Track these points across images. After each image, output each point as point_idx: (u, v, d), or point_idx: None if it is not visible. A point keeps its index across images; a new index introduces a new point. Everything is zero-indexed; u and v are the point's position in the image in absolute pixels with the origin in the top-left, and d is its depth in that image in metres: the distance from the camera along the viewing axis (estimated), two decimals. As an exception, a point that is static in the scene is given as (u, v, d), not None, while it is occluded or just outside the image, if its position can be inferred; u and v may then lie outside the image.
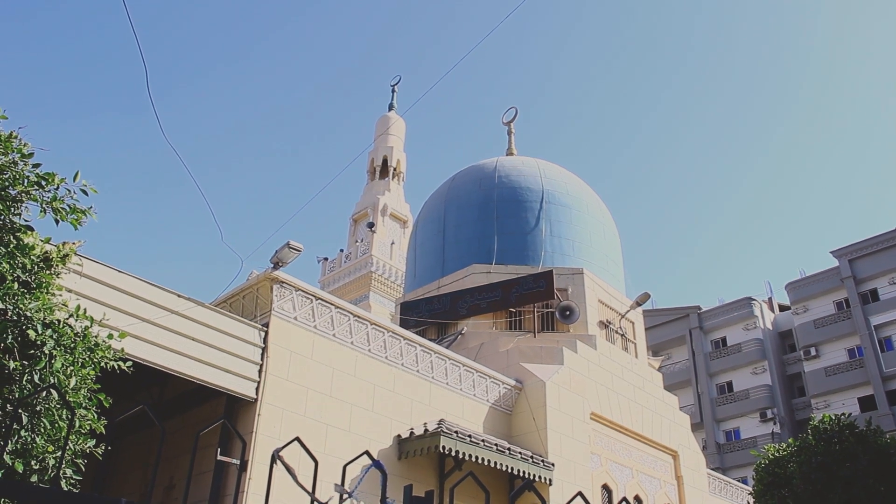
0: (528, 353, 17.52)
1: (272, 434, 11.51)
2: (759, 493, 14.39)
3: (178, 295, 11.22)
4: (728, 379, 47.39)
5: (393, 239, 41.67)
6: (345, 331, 13.42)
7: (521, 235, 21.03)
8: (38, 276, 5.96)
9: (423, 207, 24.20)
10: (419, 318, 20.00)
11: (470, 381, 15.58)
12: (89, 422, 6.12)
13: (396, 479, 12.96)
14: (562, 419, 15.99)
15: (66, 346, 5.92)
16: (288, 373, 12.20)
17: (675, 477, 19.31)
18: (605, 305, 20.34)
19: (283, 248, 12.71)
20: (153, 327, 10.64)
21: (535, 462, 14.63)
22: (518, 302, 19.18)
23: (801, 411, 45.15)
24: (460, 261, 20.89)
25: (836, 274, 45.03)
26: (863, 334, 42.47)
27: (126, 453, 14.33)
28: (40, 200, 5.84)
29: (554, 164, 23.73)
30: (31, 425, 5.55)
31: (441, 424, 13.56)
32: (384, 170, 44.42)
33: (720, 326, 48.72)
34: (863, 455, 12.76)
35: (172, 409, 13.00)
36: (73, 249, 6.38)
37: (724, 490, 23.64)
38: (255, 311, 12.65)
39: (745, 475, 40.24)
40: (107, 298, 10.19)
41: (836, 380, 43.05)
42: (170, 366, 10.72)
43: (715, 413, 46.38)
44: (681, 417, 20.71)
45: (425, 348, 14.94)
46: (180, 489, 12.73)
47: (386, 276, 39.81)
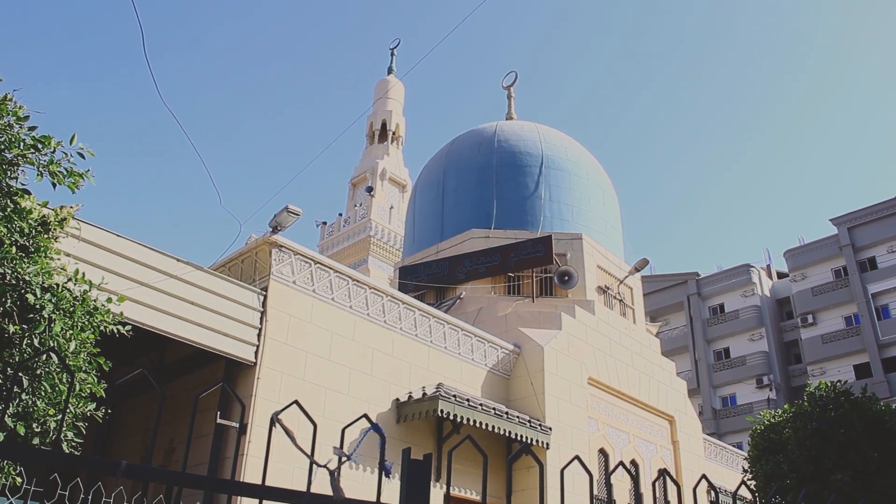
0: (527, 318, 17.56)
1: (271, 398, 11.57)
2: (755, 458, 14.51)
3: (177, 259, 11.20)
4: (725, 345, 47.63)
5: (392, 203, 41.58)
6: (343, 295, 13.42)
7: (520, 200, 20.96)
8: (36, 240, 5.93)
9: (422, 172, 24.11)
10: (418, 282, 20.02)
11: (468, 345, 15.63)
12: (89, 385, 6.14)
13: (395, 443, 13.05)
14: (560, 384, 16.07)
15: (66, 310, 5.92)
16: (287, 337, 12.23)
17: (671, 442, 19.47)
18: (604, 271, 20.36)
19: (281, 212, 12.66)
20: (152, 291, 10.63)
21: (533, 426, 14.73)
22: (517, 267, 19.19)
23: (798, 378, 45.44)
24: (459, 225, 20.86)
25: (834, 242, 45.05)
26: (860, 302, 42.61)
27: (127, 417, 14.42)
28: (37, 164, 5.79)
29: (554, 129, 23.60)
30: (32, 389, 5.57)
31: (439, 388, 13.62)
32: (383, 134, 44.18)
33: (718, 293, 48.84)
34: (857, 421, 12.86)
35: (172, 373, 13.05)
36: (70, 213, 6.34)
37: (720, 455, 23.87)
38: (254, 275, 12.64)
39: (741, 441, 40.63)
40: (105, 262, 10.16)
41: (832, 347, 43.28)
42: (169, 330, 10.74)
43: (712, 379, 46.69)
44: (678, 383, 20.83)
45: (424, 312, 14.97)
46: (180, 452, 12.83)
47: (385, 241, 39.78)
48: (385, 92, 44.56)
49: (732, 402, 45.97)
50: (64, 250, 7.07)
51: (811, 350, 43.95)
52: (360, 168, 43.48)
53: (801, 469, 12.94)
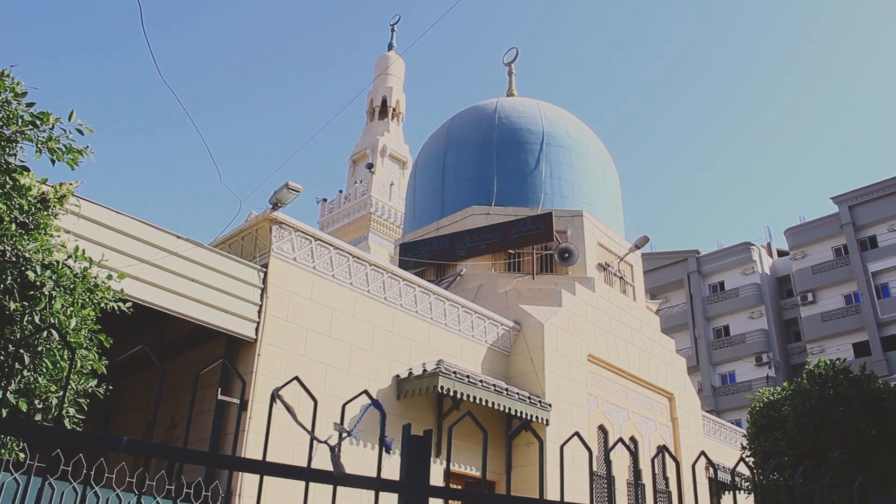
0: (527, 295, 17.57)
1: (272, 374, 11.60)
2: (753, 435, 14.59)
3: (177, 236, 11.19)
4: (725, 323, 47.73)
5: (392, 180, 41.50)
6: (344, 271, 13.43)
7: (520, 177, 20.92)
8: (35, 217, 5.91)
9: (422, 148, 24.04)
10: (418, 259, 20.02)
11: (468, 322, 15.66)
12: (90, 362, 6.16)
13: (395, 419, 13.11)
14: (559, 361, 16.12)
15: (66, 287, 5.92)
16: (287, 313, 12.24)
17: (670, 419, 19.56)
18: (604, 248, 20.36)
19: (281, 189, 12.64)
20: (152, 268, 10.63)
21: (533, 403, 14.79)
22: (517, 243, 19.18)
23: (797, 356, 45.57)
24: (459, 202, 20.83)
25: (835, 220, 45.00)
26: (860, 280, 42.63)
27: (128, 394, 14.48)
28: (35, 140, 5.76)
29: (554, 106, 23.50)
30: (33, 365, 5.58)
31: (439, 365, 13.66)
32: (383, 110, 44.01)
33: (718, 271, 48.86)
34: (856, 399, 12.91)
35: (173, 349, 13.09)
36: (70, 190, 6.32)
37: (719, 432, 23.99)
38: (255, 251, 12.64)
39: (740, 418, 40.84)
40: (105, 239, 10.15)
41: (831, 325, 43.36)
42: (169, 307, 10.75)
43: (711, 356, 46.82)
44: (677, 360, 20.90)
45: (424, 289, 14.98)
46: (182, 428, 12.89)
47: (385, 217, 39.75)
48: (385, 68, 44.34)
49: (731, 379, 46.14)
50: (64, 227, 7.06)
51: (810, 328, 44.04)
52: (360, 145, 43.35)
53: (800, 446, 13.00)
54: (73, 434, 1.85)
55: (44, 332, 5.59)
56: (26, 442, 6.14)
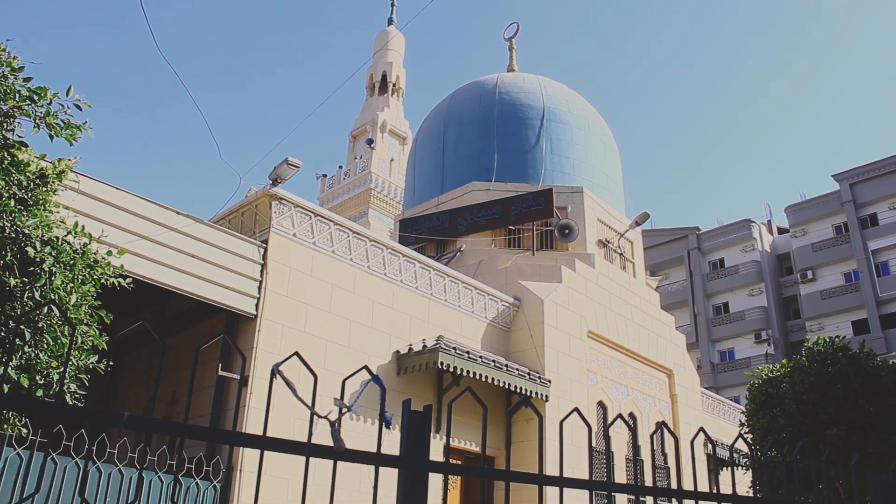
0: (527, 271, 17.58)
1: (272, 350, 11.63)
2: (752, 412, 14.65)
3: (177, 212, 11.17)
4: (724, 300, 47.80)
5: (392, 156, 41.39)
6: (344, 247, 13.42)
7: (521, 153, 20.85)
8: (34, 192, 5.89)
9: (422, 124, 23.95)
10: (418, 235, 20.01)
11: (468, 297, 15.68)
12: (91, 338, 6.16)
13: (395, 395, 13.17)
14: (559, 337, 16.16)
15: (66, 263, 5.91)
16: (287, 289, 12.25)
17: (669, 395, 19.64)
18: (605, 224, 20.34)
19: (281, 165, 12.60)
20: (152, 244, 10.62)
21: (532, 378, 14.84)
22: (517, 219, 19.17)
23: (796, 333, 45.68)
24: (460, 178, 20.79)
25: (836, 198, 44.93)
26: (860, 258, 42.63)
27: (129, 370, 14.53)
28: (33, 116, 5.72)
29: (555, 82, 23.37)
30: (34, 341, 5.59)
31: (439, 340, 13.69)
32: (383, 86, 43.81)
33: (718, 248, 48.86)
34: (854, 377, 12.95)
35: (173, 325, 13.12)
36: (69, 166, 6.29)
37: (717, 409, 24.10)
38: (254, 227, 12.63)
39: (738, 395, 41.03)
40: (105, 216, 10.13)
41: (831, 303, 43.42)
42: (169, 282, 10.75)
43: (710, 333, 46.94)
44: (677, 337, 20.95)
45: (424, 265, 14.98)
46: (183, 404, 12.95)
47: (385, 193, 39.69)
48: (385, 43, 44.09)
49: (730, 356, 46.29)
50: (63, 203, 7.04)
51: (810, 306, 44.11)
52: (360, 120, 43.20)
53: (798, 423, 13.07)
54: (74, 409, 1.86)
55: (44, 308, 5.59)
56: (28, 417, 6.16)
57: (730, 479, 22.57)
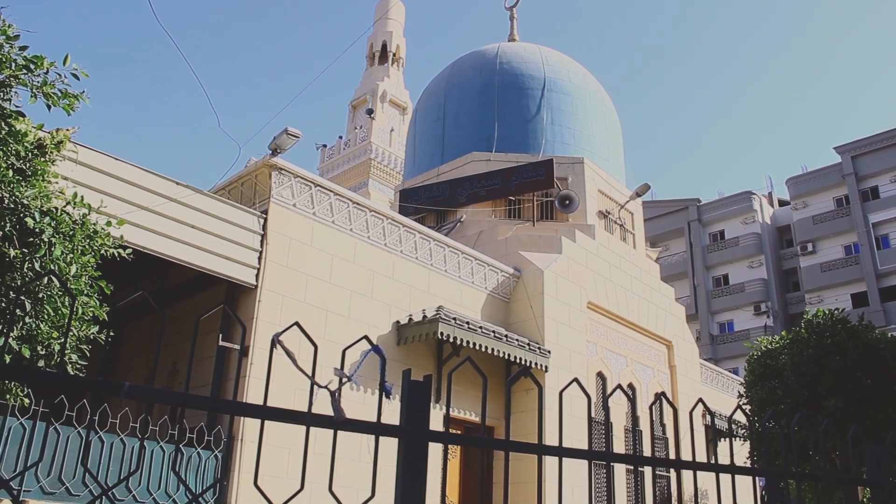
0: (527, 242, 17.57)
1: (272, 320, 11.65)
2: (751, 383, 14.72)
3: (177, 182, 11.14)
4: (724, 272, 47.84)
5: (392, 126, 41.19)
6: (344, 218, 13.40)
7: (521, 123, 20.75)
8: (32, 163, 5.86)
9: (422, 94, 23.81)
10: (418, 205, 19.98)
11: (468, 268, 15.68)
12: (91, 308, 6.16)
13: (395, 365, 13.21)
14: (559, 307, 16.18)
15: (65, 234, 5.89)
16: (287, 259, 12.25)
17: (668, 366, 19.72)
18: (605, 195, 20.29)
19: (281, 135, 12.55)
20: (152, 215, 10.60)
21: (532, 349, 14.89)
22: (517, 190, 19.12)
23: (795, 306, 45.76)
24: (460, 148, 20.71)
25: (837, 170, 44.80)
26: (860, 231, 42.59)
27: (131, 340, 14.57)
28: (30, 85, 5.66)
29: (557, 52, 23.20)
30: (35, 312, 5.59)
31: (439, 311, 13.71)
32: (383, 55, 43.49)
33: (719, 219, 48.81)
34: (853, 349, 13.00)
35: (174, 296, 13.13)
36: (67, 136, 6.25)
37: (716, 380, 24.21)
38: (254, 198, 12.60)
39: (737, 366, 41.20)
40: (104, 186, 10.10)
41: (830, 275, 43.44)
42: (170, 253, 10.75)
43: (710, 305, 47.03)
44: (676, 308, 20.98)
45: (424, 235, 14.97)
46: (183, 374, 13.00)
47: (385, 164, 39.56)
48: (385, 12, 43.70)
49: (730, 328, 46.41)
50: (61, 174, 7.01)
51: (809, 278, 44.15)
52: (360, 90, 42.94)
53: (796, 395, 13.13)
54: (75, 380, 1.85)
55: (44, 279, 5.59)
56: (30, 388, 6.19)
57: (728, 450, 22.74)
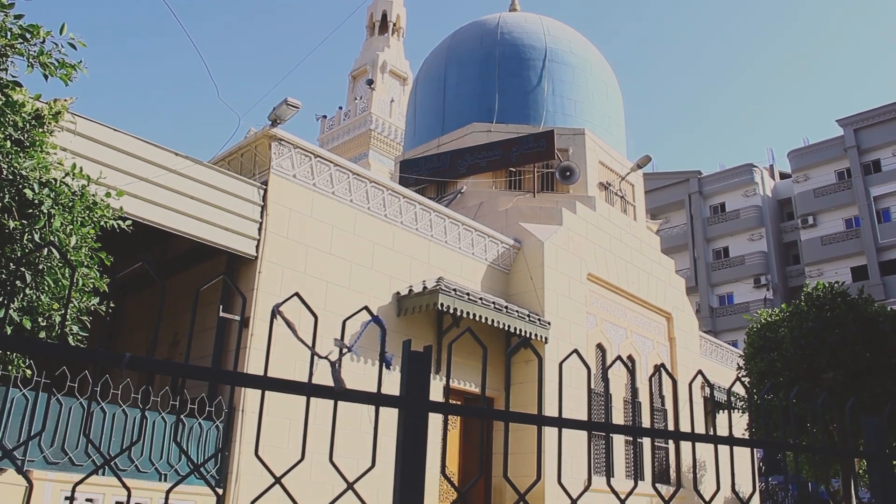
0: (527, 213, 17.54)
1: (273, 291, 11.67)
2: (750, 355, 14.80)
3: (176, 153, 11.09)
4: (725, 244, 47.85)
5: (392, 96, 40.99)
6: (344, 188, 13.37)
7: (522, 94, 20.64)
8: (30, 134, 5.81)
9: (423, 64, 23.66)
10: (418, 176, 19.92)
11: (469, 239, 15.68)
12: (92, 280, 6.16)
13: (395, 336, 13.25)
14: (559, 279, 16.20)
15: (65, 206, 5.87)
16: (287, 230, 12.24)
17: (668, 338, 19.77)
18: (606, 167, 20.23)
19: (280, 105, 12.48)
20: (151, 186, 10.57)
21: (532, 320, 14.92)
22: (518, 161, 19.06)
23: (795, 279, 45.83)
24: (460, 119, 20.61)
25: (839, 143, 44.64)
26: (861, 205, 42.52)
27: (132, 312, 14.61)
28: (26, 55, 5.59)
29: (558, 22, 23.01)
30: (35, 283, 5.59)
31: (440, 282, 13.72)
32: (383, 25, 43.18)
33: (720, 192, 48.73)
34: (852, 322, 13.03)
35: (174, 267, 13.14)
36: (65, 106, 6.21)
37: (715, 352, 24.30)
38: (254, 169, 12.56)
39: (736, 339, 41.33)
40: (103, 157, 10.06)
41: (831, 249, 43.45)
42: (169, 224, 10.73)
43: (710, 277, 47.09)
44: (676, 280, 21.00)
45: (424, 206, 14.94)
46: (184, 345, 13.04)
47: (385, 134, 39.42)
48: (385, -19, 43.30)
49: (729, 300, 46.51)
50: (60, 145, 6.97)
51: (810, 251, 44.16)
52: (360, 61, 42.68)
53: (795, 367, 13.19)
54: (76, 351, 1.85)
55: (44, 250, 5.58)
56: (32, 359, 6.21)
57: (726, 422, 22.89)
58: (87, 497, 9.17)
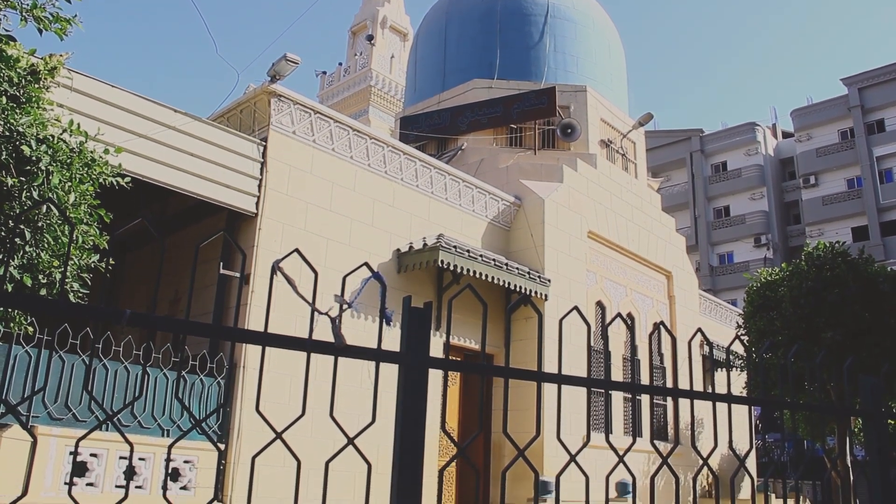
0: (528, 170, 17.48)
1: (273, 248, 11.67)
2: (749, 314, 14.84)
3: (175, 110, 11.01)
4: (725, 203, 47.78)
5: (392, 52, 40.62)
6: (344, 145, 13.31)
7: (523, 50, 20.44)
8: (26, 89, 5.75)
9: (423, 19, 23.39)
10: (419, 132, 19.81)
11: (469, 196, 15.64)
12: (91, 237, 6.15)
13: (395, 293, 13.28)
14: (559, 236, 16.19)
15: (63, 162, 5.84)
16: (287, 187, 12.21)
17: (667, 296, 19.83)
18: (607, 124, 20.11)
19: (280, 61, 12.37)
20: (150, 143, 10.51)
21: (532, 278, 14.94)
22: (519, 118, 18.93)
23: (795, 238, 45.84)
24: (461, 75, 20.43)
25: (843, 102, 44.32)
26: (864, 165, 42.36)
27: (132, 270, 14.62)
28: (19, 8, 5.51)
29: (561, -23, 22.70)
30: (35, 241, 5.58)
31: (440, 239, 13.72)
32: (384, -21, 42.61)
33: (721, 151, 48.53)
34: (852, 282, 13.04)
35: (174, 224, 13.13)
36: (60, 62, 6.13)
37: (714, 311, 24.38)
38: (254, 125, 12.48)
39: (736, 298, 41.47)
40: (100, 114, 9.98)
41: (832, 209, 43.39)
42: (169, 181, 10.69)
43: (710, 236, 47.11)
44: (676, 239, 21.00)
45: (425, 163, 14.88)
46: (185, 302, 13.08)
47: (385, 91, 39.14)
48: (386, -66, 42.61)
49: (729, 259, 46.58)
50: (56, 101, 6.90)
51: (811, 211, 44.10)
52: (359, 16, 42.20)
53: (794, 327, 13.24)
54: (77, 307, 1.85)
55: (42, 207, 5.56)
56: (33, 316, 6.22)
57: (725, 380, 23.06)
58: (91, 452, 9.27)
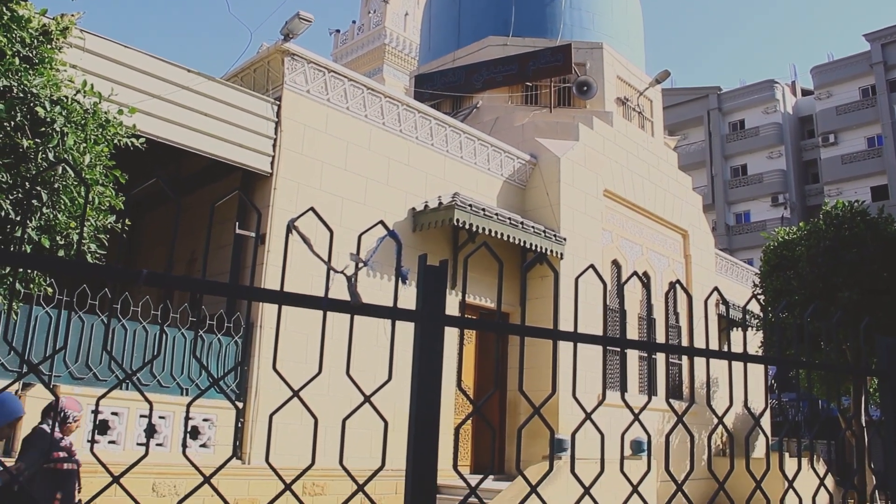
0: (544, 129, 17.35)
1: (288, 207, 11.69)
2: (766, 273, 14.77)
3: (188, 70, 10.97)
4: (743, 162, 47.29)
5: (407, 10, 40.21)
6: (358, 104, 13.24)
7: (539, 6, 20.16)
8: (39, 50, 5.72)
9: (438, -24, 23.10)
10: (433, 91, 19.68)
11: (484, 155, 15.56)
12: (108, 198, 6.17)
13: (411, 251, 13.28)
14: (575, 195, 16.12)
15: (77, 123, 5.83)
16: (302, 147, 12.19)
17: (683, 255, 19.74)
18: (624, 82, 19.88)
19: (293, 19, 12.29)
20: (164, 103, 10.50)
21: (548, 236, 14.91)
22: (535, 76, 18.74)
23: (813, 198, 45.38)
24: (476, 32, 20.21)
25: (865, 59, 43.48)
26: (885, 123, 41.68)
27: (149, 231, 14.71)
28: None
29: (578, -70, 22.29)
30: (52, 202, 5.60)
31: (455, 198, 13.69)
32: (398, -65, 42.00)
33: (739, 108, 47.90)
34: (871, 241, 12.92)
35: (190, 185, 13.16)
36: (72, 21, 6.09)
37: (731, 270, 24.28)
38: (267, 84, 12.43)
39: (752, 257, 41.21)
40: (114, 74, 9.96)
41: (851, 168, 42.81)
42: (183, 142, 10.69)
43: (727, 195, 46.72)
44: (693, 198, 20.86)
45: (440, 122, 14.80)
46: (201, 262, 13.16)
47: (399, 49, 38.83)
48: None
49: (746, 218, 46.24)
50: (69, 62, 6.88)
51: (829, 170, 43.56)
52: (373, -27, 41.70)
53: (811, 286, 13.16)
54: (94, 268, 1.86)
55: (58, 169, 5.57)
56: (53, 277, 6.28)
57: (741, 340, 23.05)
58: (112, 411, 9.42)
